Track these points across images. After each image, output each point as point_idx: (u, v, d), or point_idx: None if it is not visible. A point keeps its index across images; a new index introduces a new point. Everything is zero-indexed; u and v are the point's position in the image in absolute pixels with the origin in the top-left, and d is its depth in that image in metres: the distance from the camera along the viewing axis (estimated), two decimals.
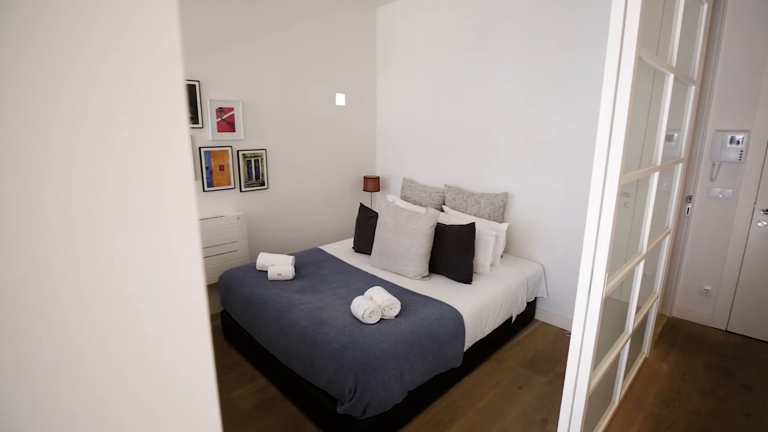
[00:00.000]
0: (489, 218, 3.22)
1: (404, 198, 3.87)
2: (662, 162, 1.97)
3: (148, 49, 0.34)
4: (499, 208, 3.21)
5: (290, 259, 2.82)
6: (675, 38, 1.79)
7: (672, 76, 1.79)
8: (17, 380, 0.32)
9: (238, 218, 3.18)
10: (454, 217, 3.21)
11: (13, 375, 0.32)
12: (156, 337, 0.39)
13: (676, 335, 3.01)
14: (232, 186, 3.24)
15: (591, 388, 1.62)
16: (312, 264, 2.97)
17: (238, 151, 3.23)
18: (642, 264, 2.00)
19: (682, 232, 3.12)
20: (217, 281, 3.06)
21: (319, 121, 3.79)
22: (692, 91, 2.35)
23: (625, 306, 2.12)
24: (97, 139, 0.33)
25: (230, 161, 3.19)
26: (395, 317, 2.15)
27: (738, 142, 2.78)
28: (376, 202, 4.38)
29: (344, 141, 4.05)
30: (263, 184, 3.44)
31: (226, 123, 3.12)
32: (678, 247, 3.15)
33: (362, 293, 2.38)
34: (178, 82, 0.36)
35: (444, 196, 3.59)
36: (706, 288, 3.11)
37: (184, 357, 0.42)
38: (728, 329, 3.06)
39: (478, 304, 2.46)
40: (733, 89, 2.78)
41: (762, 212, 2.80)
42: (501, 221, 3.23)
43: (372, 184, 4.11)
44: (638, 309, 2.20)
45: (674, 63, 1.82)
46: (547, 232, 3.11)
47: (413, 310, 2.24)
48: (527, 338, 2.97)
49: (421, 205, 3.68)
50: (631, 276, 2.01)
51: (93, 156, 0.33)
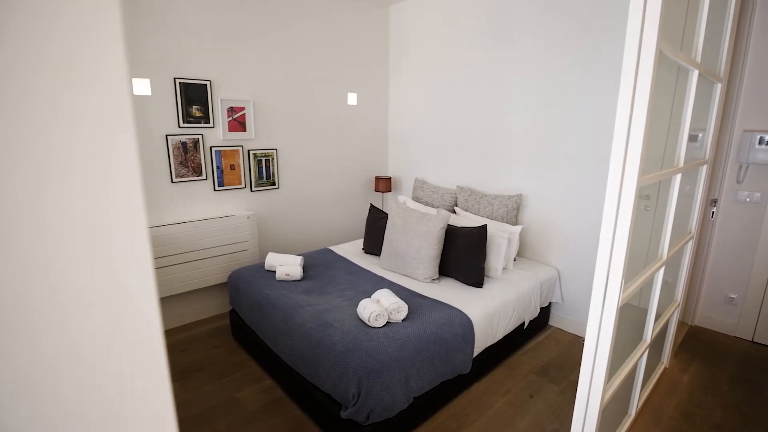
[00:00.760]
0: (502, 220, 3.14)
1: (416, 199, 3.81)
2: (685, 163, 1.87)
3: (80, 37, 0.31)
4: (512, 210, 3.12)
5: (299, 260, 2.79)
6: (700, 32, 1.69)
7: (696, 73, 1.69)
8: None
9: (248, 218, 3.18)
10: (465, 219, 3.14)
11: None
12: (96, 349, 0.35)
13: (697, 345, 2.88)
14: (242, 185, 3.24)
15: (605, 400, 1.54)
16: (321, 265, 2.95)
17: (248, 151, 3.23)
18: (662, 270, 1.90)
19: (705, 237, 2.99)
20: (226, 280, 3.07)
21: (331, 120, 3.76)
22: (718, 88, 2.23)
23: (644, 313, 2.03)
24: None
25: (241, 161, 3.19)
26: (402, 321, 2.10)
27: None
28: (388, 202, 4.33)
29: (356, 141, 4.02)
30: (274, 184, 3.44)
31: (237, 122, 3.12)
32: (701, 252, 3.01)
33: (370, 295, 2.34)
34: (113, 75, 0.32)
35: (456, 198, 3.52)
36: (731, 296, 2.96)
37: (132, 369, 0.38)
38: (754, 340, 2.91)
39: (489, 309, 2.39)
40: (763, 87, 2.64)
41: None
42: (514, 223, 3.14)
43: (383, 184, 4.06)
44: (658, 317, 2.09)
45: (699, 59, 1.72)
46: (563, 235, 3.01)
47: (421, 314, 2.18)
48: (540, 345, 2.88)
49: (432, 206, 3.62)
50: (650, 283, 1.91)
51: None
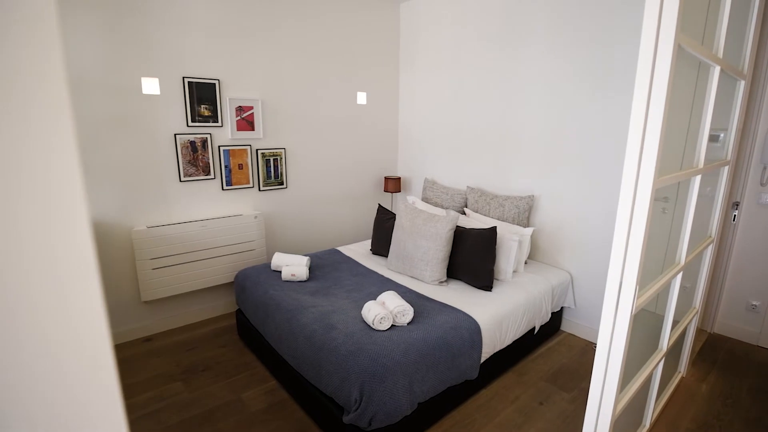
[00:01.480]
0: (513, 222, 3.07)
1: (425, 199, 3.76)
2: (706, 164, 1.78)
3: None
4: (524, 212, 3.05)
5: (305, 260, 2.77)
6: (722, 26, 1.60)
7: (718, 69, 1.61)
8: None
9: (255, 217, 3.17)
10: (475, 221, 3.08)
11: None
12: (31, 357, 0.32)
13: (717, 353, 2.76)
14: (250, 185, 3.23)
15: (617, 411, 1.47)
16: (327, 265, 2.92)
17: (257, 150, 3.22)
18: (680, 276, 1.81)
19: (726, 242, 2.87)
20: (233, 280, 3.07)
21: (340, 120, 3.73)
22: (741, 86, 2.13)
23: (660, 319, 1.94)
24: None
25: (249, 160, 3.19)
26: (407, 324, 2.06)
27: None
28: (397, 203, 4.28)
29: (365, 140, 3.98)
30: (282, 184, 3.42)
31: (246, 122, 3.11)
32: (722, 257, 2.89)
33: (376, 297, 2.30)
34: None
35: (466, 198, 3.46)
36: (754, 303, 2.83)
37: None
38: None
39: (498, 313, 2.32)
40: None
41: None
42: (526, 225, 3.07)
43: (393, 184, 4.02)
44: (675, 324, 2.01)
45: (721, 54, 1.64)
46: (576, 237, 2.93)
47: (427, 318, 2.13)
48: (551, 351, 2.80)
49: (442, 207, 3.56)
50: (667, 289, 1.83)
51: None
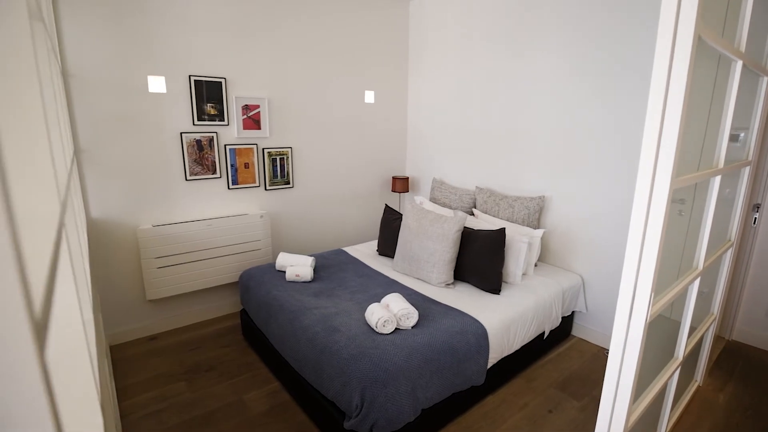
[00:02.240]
0: (523, 223, 2.99)
1: (433, 200, 3.70)
2: (725, 165, 1.70)
3: None
4: (534, 213, 2.97)
5: (310, 260, 2.73)
6: (744, 19, 1.52)
7: (740, 64, 1.52)
8: None
9: (261, 217, 3.14)
10: (484, 222, 3.01)
11: None
12: None
13: (735, 362, 2.65)
14: (256, 184, 3.21)
15: (630, 423, 1.39)
16: (333, 266, 2.88)
17: (263, 149, 3.20)
18: (698, 282, 1.73)
19: (747, 245, 2.75)
20: (238, 279, 3.05)
21: (347, 119, 3.69)
22: (765, 82, 2.03)
23: (676, 325, 1.86)
24: None
25: (255, 159, 3.16)
26: (412, 328, 2.00)
27: None
28: (405, 203, 4.23)
29: (373, 140, 3.94)
30: (288, 183, 3.39)
31: (252, 120, 3.09)
32: (741, 261, 2.78)
33: (380, 299, 2.25)
34: None
35: (475, 199, 3.39)
36: None
37: None
38: None
39: (506, 317, 2.26)
40: None
41: None
42: (536, 227, 2.99)
43: (401, 184, 3.97)
44: (692, 331, 1.92)
45: (743, 48, 1.55)
46: (589, 240, 2.84)
47: (432, 321, 2.08)
48: (561, 356, 2.72)
49: (450, 207, 3.50)
50: (683, 295, 1.75)
51: None
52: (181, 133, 2.79)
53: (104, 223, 2.63)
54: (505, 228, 2.57)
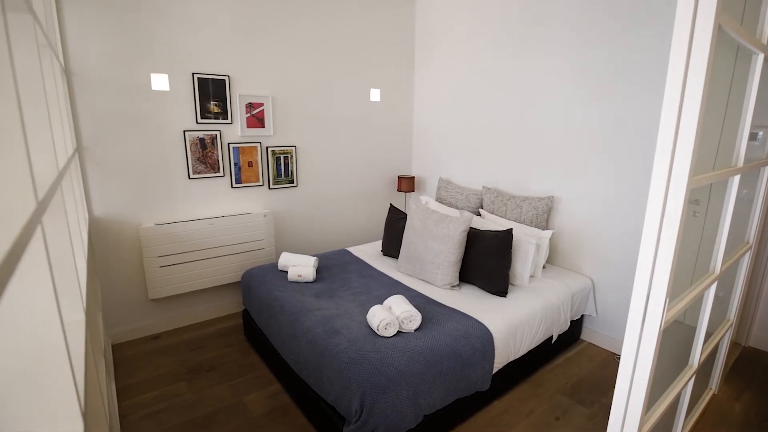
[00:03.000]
0: (531, 224, 2.92)
1: (439, 200, 3.64)
2: (744, 164, 1.62)
3: None
4: (542, 214, 2.90)
5: (312, 260, 2.69)
6: (767, 8, 1.44)
7: (761, 57, 1.44)
8: None
9: (264, 216, 3.11)
10: (490, 222, 2.94)
11: None
12: None
13: (753, 369, 2.55)
14: (260, 183, 3.18)
15: None
16: (336, 266, 2.83)
17: (267, 148, 3.16)
18: (714, 286, 1.65)
19: (765, 248, 2.65)
20: (240, 279, 3.01)
21: (353, 117, 3.65)
22: None
23: (690, 330, 1.78)
24: None
25: (259, 157, 3.13)
26: (414, 331, 1.95)
27: None
28: (410, 203, 4.17)
29: (378, 138, 3.88)
30: (292, 182, 3.36)
31: (256, 119, 3.06)
32: (760, 265, 2.68)
33: (383, 301, 2.20)
34: None
35: (482, 199, 3.32)
36: None
37: None
38: None
39: (513, 321, 2.19)
40: None
41: None
42: (545, 228, 2.91)
43: (406, 184, 3.91)
44: (707, 337, 1.84)
45: (765, 40, 1.47)
46: (599, 241, 2.75)
47: (436, 324, 2.02)
48: (570, 361, 2.64)
49: (456, 207, 3.43)
50: (699, 299, 1.67)
51: None
52: (184, 131, 2.76)
53: (107, 221, 2.62)
54: (512, 229, 2.50)
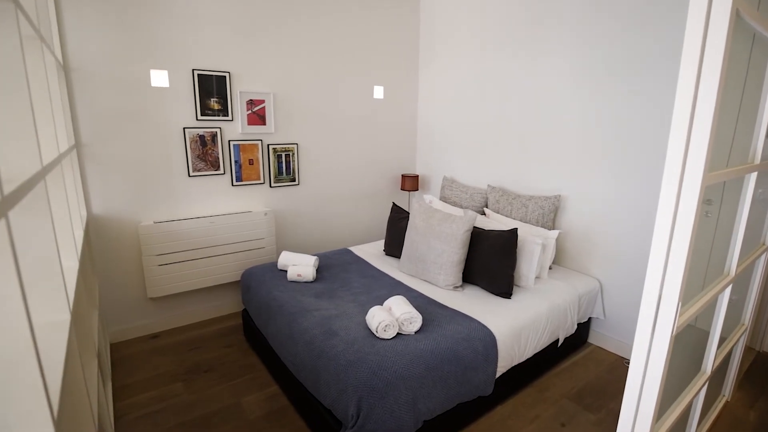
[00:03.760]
0: (537, 224, 2.85)
1: (443, 198, 3.58)
2: (762, 161, 1.54)
3: None
4: (549, 213, 2.82)
5: (312, 260, 2.64)
6: None
7: None
8: None
9: (265, 214, 3.07)
10: (495, 222, 2.87)
11: None
12: None
13: (767, 375, 2.46)
14: (261, 181, 3.14)
15: None
16: (337, 266, 2.78)
17: (268, 145, 3.12)
18: (729, 289, 1.57)
19: None
20: (239, 278, 2.98)
21: (356, 114, 3.59)
22: None
23: (703, 335, 1.70)
24: None
25: (260, 155, 3.09)
26: (415, 333, 1.89)
27: None
28: (414, 202, 4.11)
29: (382, 136, 3.83)
30: (294, 180, 3.31)
31: (257, 116, 3.02)
32: None
33: (383, 302, 2.14)
34: None
35: (487, 198, 3.25)
36: None
37: None
38: None
39: (517, 323, 2.12)
40: None
41: None
42: (551, 228, 2.84)
43: (410, 183, 3.85)
44: (721, 342, 1.76)
45: None
46: (608, 241, 2.67)
47: (437, 326, 1.96)
48: (576, 365, 2.57)
49: (461, 206, 3.37)
50: (713, 303, 1.59)
51: None
52: (184, 129, 2.73)
53: (106, 219, 2.59)
54: (517, 228, 2.43)
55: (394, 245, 2.98)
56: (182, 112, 2.72)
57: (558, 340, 2.43)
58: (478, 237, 2.49)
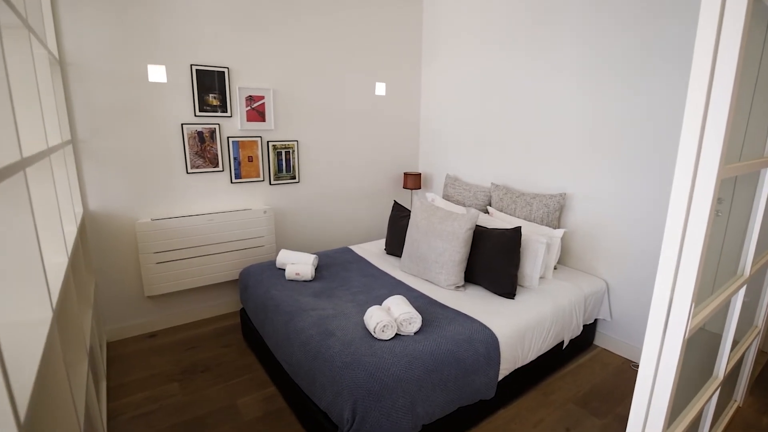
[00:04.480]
0: (541, 222, 2.77)
1: (446, 197, 3.51)
2: None
3: None
4: (554, 212, 2.75)
5: (311, 258, 2.59)
6: None
7: None
8: None
9: (265, 212, 3.02)
10: (498, 220, 2.81)
11: None
12: None
13: None
14: (260, 178, 3.09)
15: None
16: (336, 265, 2.73)
17: (268, 142, 3.08)
18: (743, 291, 1.50)
19: None
20: (238, 277, 2.93)
21: (357, 111, 3.54)
22: None
23: (713, 338, 1.63)
24: None
25: (259, 152, 3.05)
26: (414, 334, 1.83)
27: None
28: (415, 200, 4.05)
29: (384, 134, 3.77)
30: (294, 178, 3.27)
31: (256, 112, 2.97)
32: None
33: (383, 302, 2.08)
34: None
35: (490, 196, 3.18)
36: None
37: None
38: None
39: (520, 325, 2.06)
40: None
41: None
42: (556, 226, 2.77)
43: (412, 181, 3.79)
44: (733, 345, 1.68)
45: None
46: (615, 241, 2.60)
47: (438, 327, 1.90)
48: (582, 368, 2.49)
49: (464, 205, 3.30)
50: (726, 305, 1.52)
51: None
52: (182, 125, 2.69)
53: (102, 215, 2.56)
54: (520, 227, 2.36)
55: (395, 244, 2.93)
56: (180, 107, 2.68)
57: (563, 342, 2.36)
58: (480, 236, 2.43)
